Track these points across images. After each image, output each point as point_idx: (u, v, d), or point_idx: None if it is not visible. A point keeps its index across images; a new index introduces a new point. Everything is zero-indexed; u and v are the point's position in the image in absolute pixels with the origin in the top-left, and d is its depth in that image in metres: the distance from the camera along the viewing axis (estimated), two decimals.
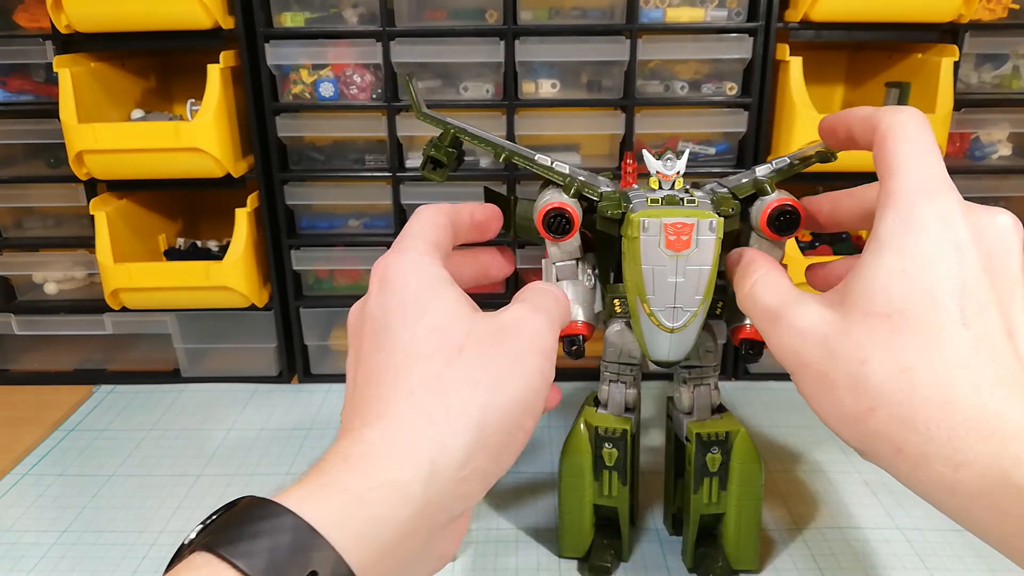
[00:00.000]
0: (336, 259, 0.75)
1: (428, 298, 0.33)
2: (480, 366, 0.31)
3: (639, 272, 0.40)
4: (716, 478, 0.47)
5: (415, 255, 0.35)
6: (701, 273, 0.39)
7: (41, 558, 0.52)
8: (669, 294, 0.40)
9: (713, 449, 0.46)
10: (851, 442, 0.31)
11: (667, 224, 0.39)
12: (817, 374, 0.31)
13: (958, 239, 0.29)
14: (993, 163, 0.73)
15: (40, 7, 0.66)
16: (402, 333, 0.32)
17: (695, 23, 0.67)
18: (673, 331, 0.41)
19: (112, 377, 0.79)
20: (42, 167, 0.76)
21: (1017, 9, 0.68)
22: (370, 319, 0.33)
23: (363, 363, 0.32)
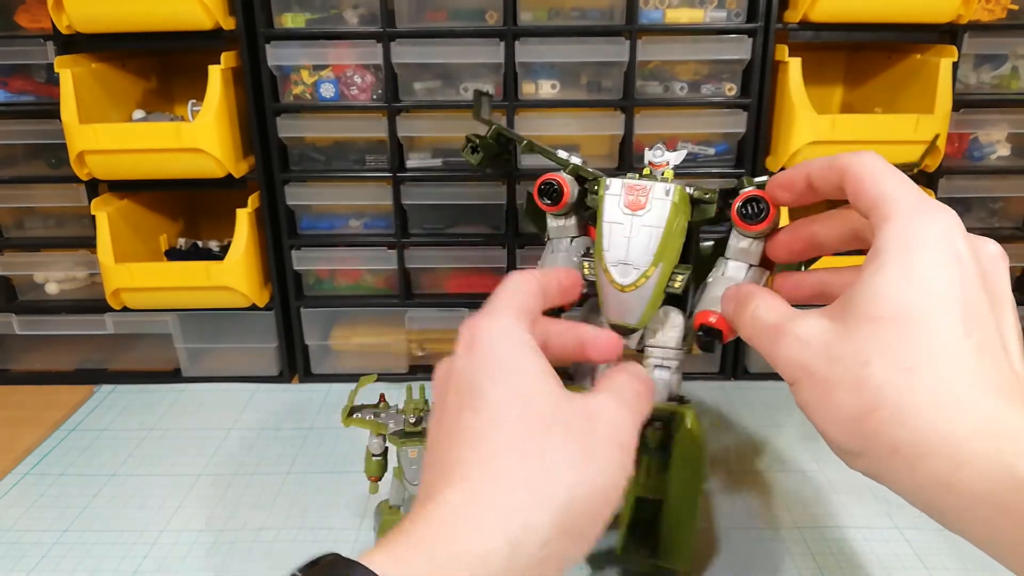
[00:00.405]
0: (337, 259, 0.75)
1: (516, 364, 0.33)
2: (567, 446, 0.31)
3: (600, 229, 0.42)
4: (655, 458, 0.46)
5: (504, 320, 0.35)
6: (652, 233, 0.42)
7: (42, 557, 0.53)
8: (622, 250, 0.42)
9: (655, 424, 0.45)
10: (847, 444, 0.31)
11: (627, 185, 0.42)
12: (818, 379, 0.32)
13: (959, 254, 0.30)
14: (992, 163, 0.73)
15: (41, 8, 0.66)
16: (489, 395, 0.32)
17: (694, 24, 0.67)
18: (623, 289, 0.42)
19: (113, 377, 0.79)
20: (43, 167, 0.76)
21: (1016, 10, 0.68)
22: (456, 378, 0.34)
23: (447, 421, 0.33)
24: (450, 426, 0.32)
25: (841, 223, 0.39)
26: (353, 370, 0.79)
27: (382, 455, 0.51)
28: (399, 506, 0.50)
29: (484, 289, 0.76)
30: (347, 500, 0.58)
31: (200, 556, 0.52)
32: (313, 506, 0.58)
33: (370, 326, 0.79)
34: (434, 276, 0.77)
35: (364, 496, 0.59)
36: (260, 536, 0.54)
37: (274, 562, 0.52)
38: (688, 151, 0.71)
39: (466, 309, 0.75)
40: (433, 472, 0.32)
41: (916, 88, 0.70)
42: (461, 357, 0.34)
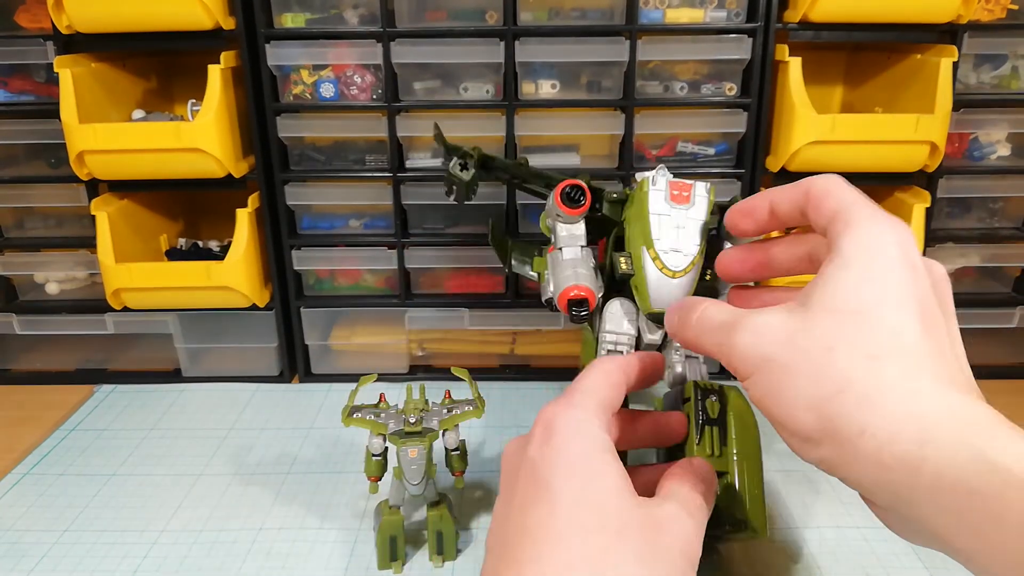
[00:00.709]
0: (337, 259, 0.75)
1: (594, 467, 0.34)
2: (638, 558, 0.31)
3: (647, 221, 0.45)
4: (716, 428, 0.46)
5: (584, 414, 0.36)
6: (698, 223, 0.45)
7: (42, 557, 0.53)
8: (673, 238, 0.45)
9: (712, 396, 0.47)
10: (808, 430, 0.31)
11: (672, 182, 0.46)
12: (778, 366, 0.32)
13: (914, 263, 0.32)
14: (992, 163, 0.73)
15: (41, 7, 0.66)
16: (564, 496, 0.32)
17: (694, 24, 0.67)
18: (675, 275, 0.44)
19: (113, 377, 0.79)
20: (43, 167, 0.76)
21: (1016, 10, 0.68)
22: (531, 466, 0.34)
23: (518, 509, 0.33)
24: (521, 517, 0.33)
25: (797, 244, 0.40)
26: (353, 370, 0.79)
27: (382, 455, 0.51)
28: (399, 506, 0.50)
29: (484, 289, 0.76)
30: (347, 500, 0.58)
31: (200, 556, 0.52)
32: (313, 506, 0.58)
33: (370, 326, 0.79)
34: (434, 276, 0.77)
35: (364, 496, 0.59)
36: (260, 536, 0.54)
37: (274, 562, 0.52)
38: (688, 151, 0.72)
39: (466, 309, 0.76)
40: (503, 553, 0.32)
41: (916, 88, 0.70)
42: (536, 443, 0.35)
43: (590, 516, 0.32)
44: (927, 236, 0.71)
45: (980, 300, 0.76)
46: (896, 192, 0.74)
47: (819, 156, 0.67)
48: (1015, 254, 0.75)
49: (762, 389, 0.33)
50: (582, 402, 0.37)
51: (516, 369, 0.79)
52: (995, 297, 0.77)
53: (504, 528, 0.34)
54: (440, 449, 0.51)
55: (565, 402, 0.37)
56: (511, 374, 0.79)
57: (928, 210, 0.70)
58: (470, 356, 0.80)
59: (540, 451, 0.35)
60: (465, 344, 0.79)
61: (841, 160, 0.67)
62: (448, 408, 0.52)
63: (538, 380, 0.77)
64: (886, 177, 0.71)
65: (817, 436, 0.30)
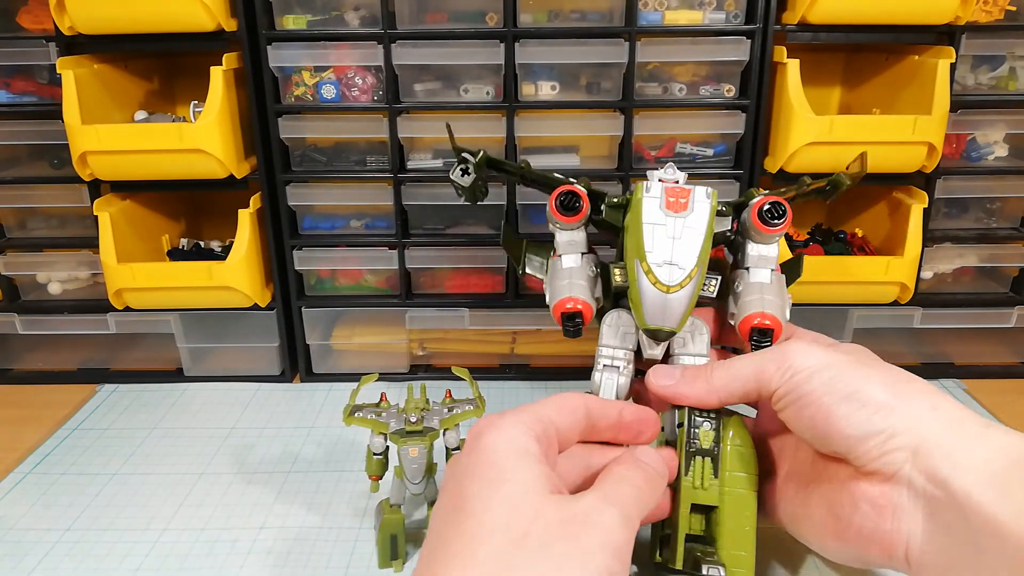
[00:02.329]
0: (338, 259, 0.76)
1: (507, 469, 0.33)
2: (551, 560, 0.30)
3: (639, 231, 0.43)
4: (708, 459, 0.44)
5: (510, 423, 0.36)
6: (697, 234, 0.43)
7: (44, 556, 0.53)
8: (667, 249, 0.43)
9: (705, 425, 0.44)
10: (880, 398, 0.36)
11: (668, 188, 0.44)
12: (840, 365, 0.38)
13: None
14: (989, 164, 0.74)
15: (44, 9, 0.66)
16: (475, 501, 0.32)
17: (693, 25, 0.67)
18: (669, 290, 0.42)
19: (115, 376, 0.79)
20: (46, 168, 0.77)
21: (1013, 11, 0.68)
22: (454, 476, 0.35)
23: (440, 519, 0.34)
24: (441, 523, 0.33)
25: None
26: (354, 369, 0.79)
27: (383, 454, 0.51)
28: (400, 505, 0.51)
29: (484, 289, 0.77)
30: (348, 499, 0.59)
31: (202, 555, 0.53)
32: (314, 505, 0.58)
33: (371, 326, 0.79)
34: (434, 276, 0.78)
35: (365, 495, 0.59)
36: (261, 535, 0.55)
37: (275, 561, 0.52)
38: (687, 152, 0.72)
39: (466, 309, 0.76)
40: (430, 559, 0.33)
41: (914, 89, 0.70)
42: (463, 454, 0.35)
43: (500, 521, 0.31)
44: (925, 236, 0.71)
45: (978, 300, 0.76)
46: (894, 192, 0.75)
47: (817, 157, 0.67)
48: (1012, 254, 0.75)
49: (828, 373, 0.38)
50: (514, 415, 0.37)
51: (516, 369, 0.80)
52: (993, 297, 0.77)
53: (434, 535, 0.34)
54: (441, 448, 0.52)
55: (496, 415, 0.37)
56: (511, 374, 0.79)
57: (926, 210, 0.71)
58: (470, 356, 0.80)
59: (465, 460, 0.35)
60: (465, 344, 0.79)
61: (839, 161, 0.67)
62: (449, 407, 0.52)
63: (538, 380, 0.78)
64: (884, 178, 0.72)
65: (892, 403, 0.36)
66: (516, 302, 0.76)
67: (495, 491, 0.32)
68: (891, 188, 0.75)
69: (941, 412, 0.36)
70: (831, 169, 0.68)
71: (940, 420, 0.35)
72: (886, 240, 0.76)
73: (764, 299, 0.46)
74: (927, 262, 0.74)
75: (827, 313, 0.75)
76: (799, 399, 0.38)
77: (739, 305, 0.47)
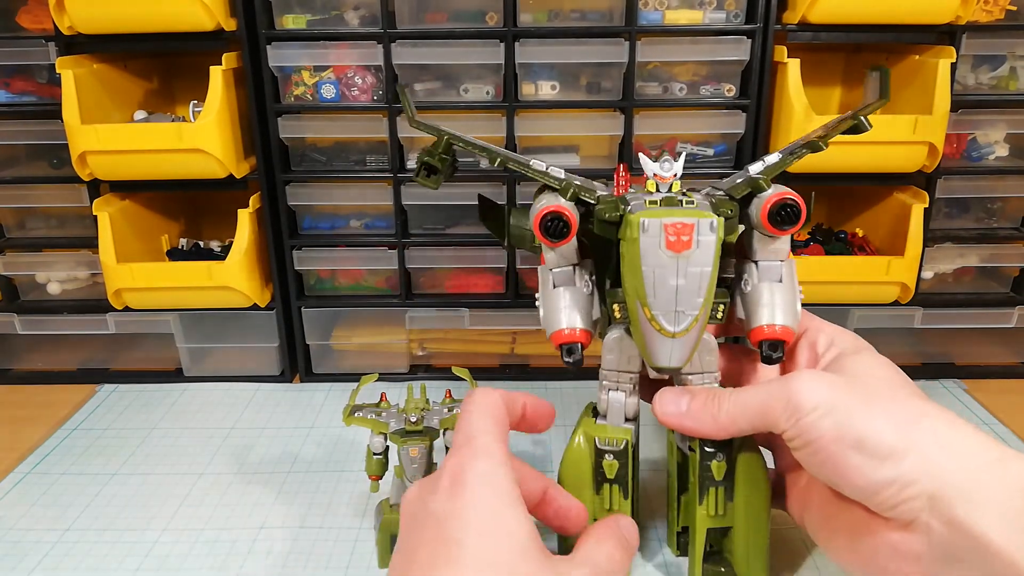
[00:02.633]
0: (337, 259, 0.76)
1: (503, 525, 0.33)
2: None
3: (639, 275, 0.39)
4: (722, 488, 0.45)
5: (492, 464, 0.35)
6: (703, 274, 0.39)
7: (44, 556, 0.53)
8: (670, 297, 0.39)
9: (718, 456, 0.44)
10: (889, 442, 0.36)
11: (667, 224, 0.38)
12: (847, 399, 0.38)
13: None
14: (990, 164, 0.74)
15: (43, 9, 0.66)
16: (472, 558, 0.31)
17: (693, 25, 0.67)
18: (675, 336, 0.40)
19: (115, 376, 0.79)
20: (45, 168, 0.76)
21: (1014, 11, 0.68)
22: (435, 522, 0.33)
23: (425, 566, 0.32)
24: (424, 564, 0.32)
25: None
26: (354, 370, 0.79)
27: (383, 454, 0.51)
28: (399, 505, 0.51)
29: (484, 289, 0.77)
30: (348, 499, 0.59)
31: (201, 555, 0.53)
32: (314, 505, 0.58)
33: (371, 326, 0.79)
34: (434, 276, 0.77)
35: (365, 495, 0.59)
36: (261, 535, 0.55)
37: (275, 561, 0.52)
38: (687, 152, 0.72)
39: (466, 309, 0.76)
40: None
41: (914, 89, 0.70)
42: (443, 496, 0.34)
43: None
44: (926, 236, 0.71)
45: (978, 300, 0.76)
46: (895, 192, 0.75)
47: (817, 157, 0.67)
48: (1013, 254, 0.75)
49: (834, 417, 0.37)
50: (487, 448, 0.36)
51: (516, 369, 0.80)
52: (993, 297, 0.77)
53: (406, 571, 0.33)
54: (441, 448, 0.51)
55: (468, 450, 0.36)
56: (511, 374, 0.79)
57: (926, 210, 0.70)
58: (470, 356, 0.80)
59: (448, 505, 0.33)
60: (465, 344, 0.79)
61: (839, 161, 0.67)
62: (449, 407, 0.52)
63: (538, 380, 0.78)
64: (885, 177, 0.72)
65: (902, 447, 0.35)
66: (516, 302, 0.76)
67: (493, 548, 0.32)
68: (892, 188, 0.75)
69: (953, 449, 0.35)
70: (832, 169, 0.68)
71: (953, 458, 0.35)
72: (887, 240, 0.76)
73: (774, 304, 0.43)
74: (928, 262, 0.74)
75: (828, 313, 0.74)
76: (808, 444, 0.38)
77: (747, 311, 0.44)
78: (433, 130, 0.48)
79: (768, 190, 0.43)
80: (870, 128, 0.46)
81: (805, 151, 0.45)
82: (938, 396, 0.73)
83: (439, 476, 0.36)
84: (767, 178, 0.43)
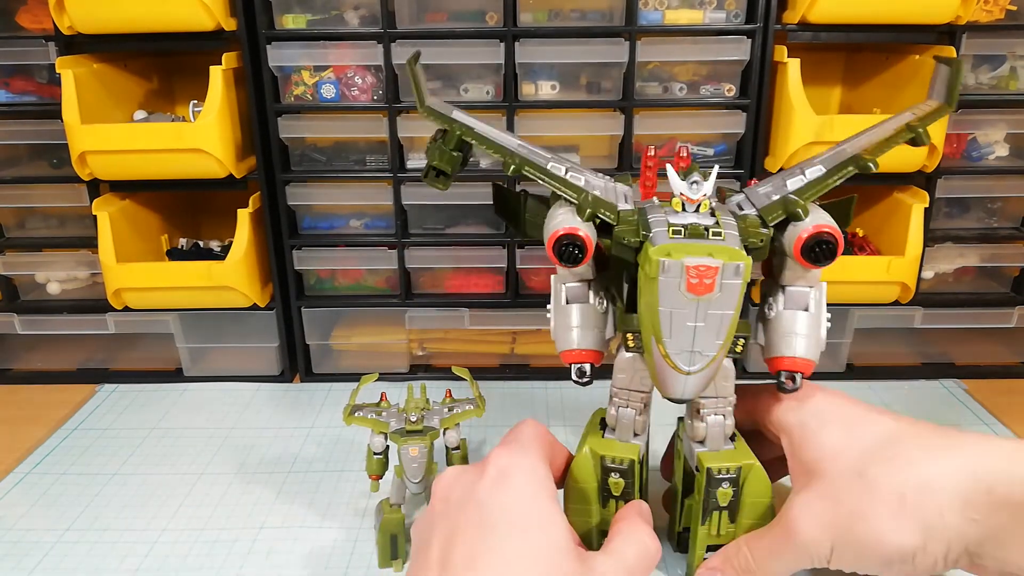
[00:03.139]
0: (337, 259, 0.76)
1: (542, 517, 0.35)
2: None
3: (656, 313, 0.37)
4: (725, 512, 0.45)
5: (535, 460, 0.38)
6: (723, 318, 0.37)
7: (44, 556, 0.53)
8: (687, 338, 0.37)
9: (724, 484, 0.43)
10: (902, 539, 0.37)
11: (689, 267, 0.35)
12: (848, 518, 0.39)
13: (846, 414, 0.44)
14: (990, 164, 0.73)
15: (43, 8, 0.66)
16: (510, 545, 0.33)
17: (693, 25, 0.67)
18: (689, 374, 0.39)
19: (115, 376, 0.79)
20: (45, 167, 0.76)
21: (1014, 11, 0.68)
22: (478, 507, 0.35)
23: (463, 546, 0.34)
24: (468, 554, 0.33)
25: None
26: (354, 369, 0.79)
27: (383, 453, 0.51)
28: (400, 504, 0.51)
29: (484, 289, 0.77)
30: (348, 499, 0.59)
31: (201, 555, 0.53)
32: (314, 505, 0.58)
33: (371, 326, 0.79)
34: (434, 276, 0.77)
35: (365, 494, 0.59)
36: (261, 535, 0.55)
37: (275, 561, 0.52)
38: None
39: (466, 309, 0.76)
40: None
41: (914, 89, 0.70)
42: (489, 484, 0.36)
43: (531, 569, 0.33)
44: (926, 236, 0.71)
45: (979, 300, 0.76)
46: (895, 192, 0.74)
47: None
48: (1013, 254, 0.75)
49: (850, 550, 0.38)
50: (531, 449, 0.39)
51: (516, 369, 0.79)
52: (994, 297, 0.77)
53: (444, 560, 0.34)
54: (441, 447, 0.52)
55: (514, 447, 0.38)
56: (511, 374, 0.79)
57: (927, 210, 0.70)
58: (470, 356, 0.80)
59: (491, 492, 0.35)
60: (465, 344, 0.79)
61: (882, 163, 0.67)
62: (449, 407, 0.52)
63: (538, 380, 0.78)
64: (885, 177, 0.72)
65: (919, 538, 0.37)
66: (516, 302, 0.75)
67: (530, 539, 0.34)
68: (892, 188, 0.75)
69: (949, 500, 0.37)
70: None
71: (957, 518, 0.37)
72: (887, 240, 0.76)
73: (795, 335, 0.42)
74: (928, 262, 0.74)
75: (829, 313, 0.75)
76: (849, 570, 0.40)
77: (769, 338, 0.43)
78: (444, 119, 0.45)
79: (805, 220, 0.40)
80: (928, 142, 0.43)
81: (851, 169, 0.42)
82: (938, 396, 0.73)
83: (484, 466, 0.37)
84: (805, 205, 0.41)
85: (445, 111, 0.45)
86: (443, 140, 0.46)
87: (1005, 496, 0.36)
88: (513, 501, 0.35)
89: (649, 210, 0.42)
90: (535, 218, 0.48)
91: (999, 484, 0.36)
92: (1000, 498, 0.36)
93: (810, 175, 0.43)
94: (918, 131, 0.42)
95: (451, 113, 0.45)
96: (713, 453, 0.45)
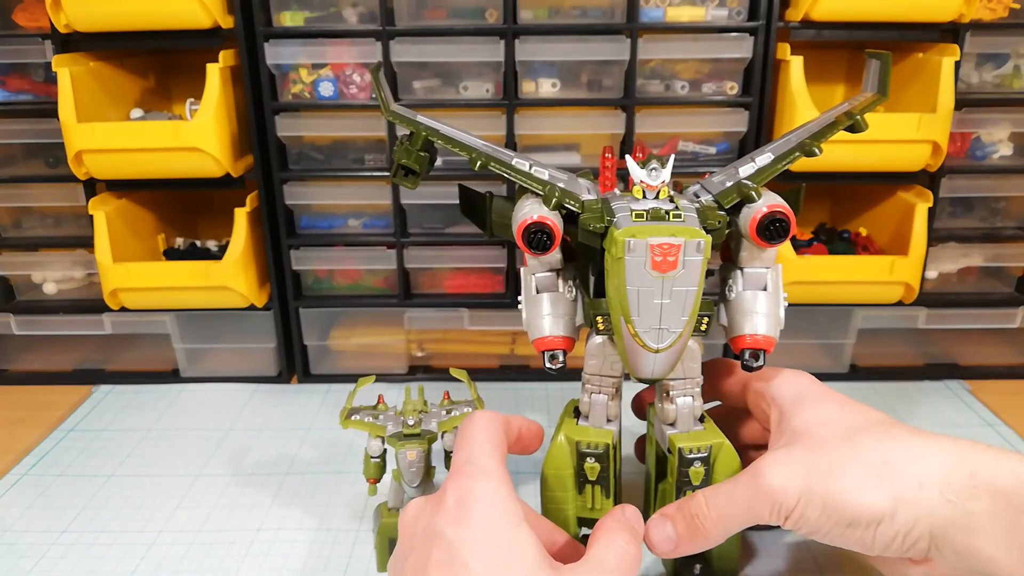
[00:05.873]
0: (335, 259, 0.75)
1: (512, 547, 0.34)
2: None
3: (623, 292, 0.39)
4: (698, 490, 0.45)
5: (495, 484, 0.37)
6: (688, 294, 0.39)
7: (40, 558, 0.52)
8: (655, 315, 0.39)
9: (696, 463, 0.45)
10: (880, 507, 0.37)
11: (653, 245, 0.38)
12: (822, 478, 0.39)
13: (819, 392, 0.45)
14: (994, 163, 0.73)
15: (39, 6, 0.66)
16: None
17: (696, 22, 0.67)
18: (658, 351, 0.41)
19: (111, 377, 0.79)
20: (41, 167, 0.76)
21: (1018, 9, 0.68)
22: (443, 545, 0.34)
23: (430, 567, 0.33)
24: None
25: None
26: (352, 370, 0.78)
27: (380, 457, 0.50)
28: (398, 508, 0.50)
29: (484, 289, 0.76)
30: (345, 501, 0.58)
31: (198, 557, 0.52)
32: (312, 507, 0.57)
33: (369, 326, 0.79)
34: (433, 276, 0.77)
35: (363, 497, 0.58)
36: (258, 537, 0.54)
37: (272, 563, 0.51)
38: (689, 151, 0.72)
39: (466, 309, 0.75)
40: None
41: (918, 87, 0.69)
42: (450, 519, 0.35)
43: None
44: (929, 236, 0.71)
45: (983, 300, 0.76)
46: (898, 191, 0.74)
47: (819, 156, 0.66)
48: (1018, 254, 0.75)
49: (817, 502, 0.38)
50: (488, 469, 0.37)
51: (516, 369, 0.79)
52: (998, 297, 0.76)
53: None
54: (439, 451, 0.51)
55: (471, 471, 0.37)
56: (511, 374, 0.79)
57: (930, 210, 0.70)
58: (470, 356, 0.79)
59: (456, 529, 0.34)
60: (465, 344, 0.79)
61: (842, 160, 0.67)
62: (447, 409, 0.51)
63: (538, 380, 0.77)
64: (888, 176, 0.71)
65: (889, 506, 0.37)
66: (516, 302, 0.75)
67: (503, 571, 0.33)
68: (895, 187, 0.74)
69: (929, 480, 0.37)
70: (835, 168, 0.68)
71: (934, 489, 0.37)
72: (890, 240, 0.75)
73: (756, 314, 0.44)
74: (932, 262, 0.74)
75: (831, 313, 0.75)
76: (806, 533, 0.40)
77: (731, 318, 0.45)
78: (409, 122, 0.47)
79: (758, 201, 0.43)
80: (866, 129, 0.45)
81: (798, 155, 0.45)
82: (942, 397, 0.73)
83: (442, 496, 0.37)
84: (758, 187, 0.43)
85: (410, 115, 0.47)
86: (410, 142, 0.47)
87: (988, 481, 0.36)
88: (476, 533, 0.34)
89: (612, 199, 0.44)
90: (501, 218, 0.49)
91: (984, 469, 0.37)
92: (982, 482, 0.36)
93: (760, 162, 0.46)
94: (856, 118, 0.45)
95: (416, 117, 0.47)
96: (684, 434, 0.46)
